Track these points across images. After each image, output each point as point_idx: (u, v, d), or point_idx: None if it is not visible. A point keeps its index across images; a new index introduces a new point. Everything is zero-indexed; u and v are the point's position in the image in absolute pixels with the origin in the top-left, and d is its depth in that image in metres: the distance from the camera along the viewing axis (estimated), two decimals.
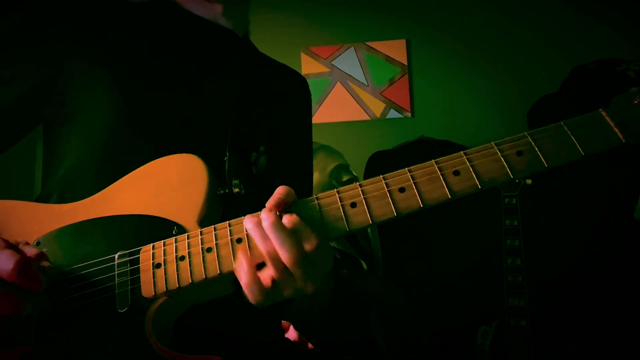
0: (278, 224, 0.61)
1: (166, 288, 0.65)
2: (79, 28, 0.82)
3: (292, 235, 0.61)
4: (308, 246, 0.61)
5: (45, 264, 0.65)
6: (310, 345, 1.45)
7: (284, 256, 0.61)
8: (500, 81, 2.65)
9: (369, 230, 1.95)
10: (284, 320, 1.42)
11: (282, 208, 0.64)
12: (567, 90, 2.32)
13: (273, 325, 0.99)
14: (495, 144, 0.62)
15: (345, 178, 1.97)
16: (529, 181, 1.95)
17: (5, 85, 0.80)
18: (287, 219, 0.62)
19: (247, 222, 0.64)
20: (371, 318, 1.73)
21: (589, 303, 2.15)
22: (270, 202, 0.64)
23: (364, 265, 1.86)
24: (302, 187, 1.04)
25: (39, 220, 0.74)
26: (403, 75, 2.73)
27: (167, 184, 0.72)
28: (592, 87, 2.21)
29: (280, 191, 0.64)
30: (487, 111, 2.64)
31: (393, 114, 2.73)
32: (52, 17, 0.81)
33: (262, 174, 0.90)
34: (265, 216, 0.62)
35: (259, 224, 0.63)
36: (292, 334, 1.51)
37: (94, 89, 0.80)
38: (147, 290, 0.66)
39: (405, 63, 2.74)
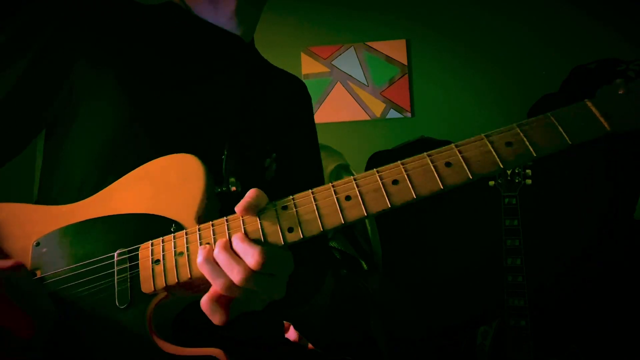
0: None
1: (165, 283, 0.66)
2: (90, 29, 0.82)
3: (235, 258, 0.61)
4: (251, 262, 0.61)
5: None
6: (310, 346, 1.45)
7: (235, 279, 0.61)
8: (500, 81, 2.65)
9: (369, 230, 1.95)
10: (284, 320, 1.42)
11: (253, 213, 0.64)
12: (567, 90, 2.32)
13: (273, 325, 0.99)
14: (485, 135, 0.63)
15: (345, 178, 1.97)
16: (529, 181, 1.95)
17: (19, 85, 0.80)
18: (236, 242, 0.62)
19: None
20: (371, 318, 1.73)
21: (589, 303, 2.15)
22: (239, 207, 0.63)
23: (364, 266, 1.86)
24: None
25: (38, 222, 0.75)
26: (403, 75, 2.74)
27: (166, 183, 0.72)
28: (592, 87, 2.20)
29: (250, 194, 0.64)
30: (487, 111, 2.64)
31: (393, 114, 2.73)
32: (63, 17, 0.82)
33: (273, 178, 0.91)
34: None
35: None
36: (292, 334, 1.51)
37: (100, 89, 0.81)
38: (146, 286, 0.66)
39: (405, 63, 2.74)
